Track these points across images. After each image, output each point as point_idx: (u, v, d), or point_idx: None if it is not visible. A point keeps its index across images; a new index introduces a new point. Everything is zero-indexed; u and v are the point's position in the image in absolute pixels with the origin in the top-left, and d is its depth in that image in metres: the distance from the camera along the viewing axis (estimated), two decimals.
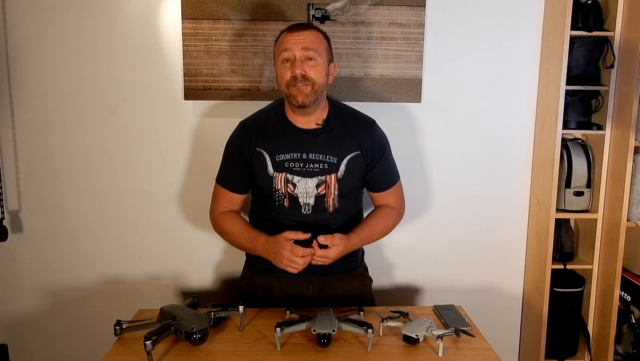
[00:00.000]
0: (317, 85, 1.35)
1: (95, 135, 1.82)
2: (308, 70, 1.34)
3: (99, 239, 1.88)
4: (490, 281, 2.01)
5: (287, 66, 1.35)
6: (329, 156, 1.42)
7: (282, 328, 1.20)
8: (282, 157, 1.41)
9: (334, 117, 1.46)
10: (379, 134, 1.50)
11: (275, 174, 1.41)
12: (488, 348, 1.24)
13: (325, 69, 1.39)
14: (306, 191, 1.41)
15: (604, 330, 1.87)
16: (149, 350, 1.10)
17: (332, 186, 1.42)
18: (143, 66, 1.79)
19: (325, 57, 1.38)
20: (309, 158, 1.41)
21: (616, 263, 1.79)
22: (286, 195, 1.42)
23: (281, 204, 1.43)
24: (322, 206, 1.43)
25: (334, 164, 1.42)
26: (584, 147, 1.85)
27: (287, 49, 1.34)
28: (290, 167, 1.41)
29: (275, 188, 1.42)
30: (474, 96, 1.88)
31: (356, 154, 1.44)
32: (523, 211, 1.98)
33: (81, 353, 1.93)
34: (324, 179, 1.41)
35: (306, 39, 1.34)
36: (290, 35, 1.35)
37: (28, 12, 1.74)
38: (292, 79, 1.34)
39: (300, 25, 1.39)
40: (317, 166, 1.41)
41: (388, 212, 1.52)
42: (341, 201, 1.45)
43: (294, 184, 1.41)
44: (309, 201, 1.42)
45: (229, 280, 1.93)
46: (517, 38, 1.86)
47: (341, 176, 1.42)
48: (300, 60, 1.34)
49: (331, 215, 1.45)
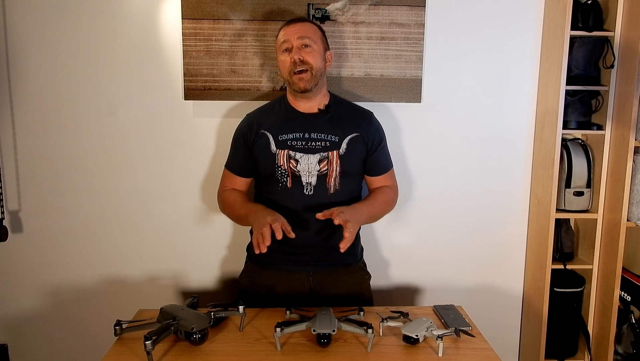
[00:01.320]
0: (314, 69, 1.47)
1: (95, 135, 1.82)
2: (305, 55, 1.46)
3: (99, 239, 1.88)
4: (490, 281, 2.01)
5: (286, 54, 1.47)
6: (331, 135, 1.50)
7: (282, 328, 1.20)
8: (284, 136, 1.50)
9: (335, 106, 1.57)
10: (376, 123, 1.62)
11: (277, 151, 1.49)
12: (488, 348, 1.24)
13: (322, 55, 1.50)
14: (308, 168, 1.47)
15: (604, 330, 1.87)
16: (149, 350, 1.10)
17: (335, 163, 1.48)
18: (143, 65, 1.79)
19: (320, 44, 1.50)
20: (310, 137, 1.50)
21: (616, 263, 1.79)
22: (289, 173, 1.47)
23: (284, 185, 1.48)
24: (324, 187, 1.48)
25: (335, 142, 1.49)
26: (584, 147, 1.85)
27: (286, 40, 1.47)
28: (293, 145, 1.49)
29: (278, 164, 1.48)
30: (474, 96, 1.88)
31: (356, 135, 1.52)
32: (523, 211, 1.98)
33: (81, 353, 1.93)
34: (326, 155, 1.48)
35: (301, 29, 1.47)
36: (287, 28, 1.49)
37: (28, 12, 1.74)
38: (292, 64, 1.45)
39: (295, 19, 1.52)
40: (319, 144, 1.49)
41: (385, 189, 1.61)
42: (342, 182, 1.50)
43: (296, 160, 1.48)
44: (311, 180, 1.48)
45: (229, 280, 1.93)
46: (517, 38, 1.86)
47: (343, 153, 1.49)
48: (297, 47, 1.46)
49: (332, 196, 1.49)
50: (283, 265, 1.52)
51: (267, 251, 1.50)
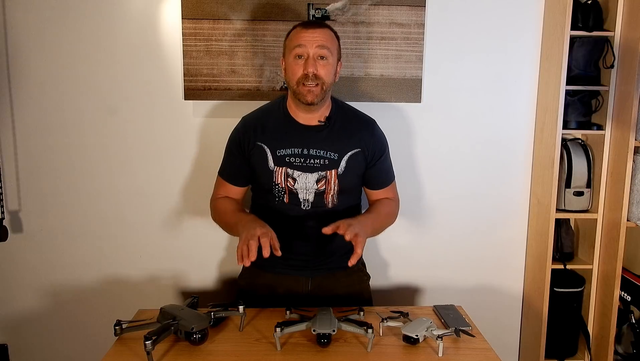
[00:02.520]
0: (325, 85, 1.38)
1: (95, 135, 1.82)
2: (320, 69, 1.35)
3: (99, 239, 1.88)
4: (490, 281, 2.01)
5: (299, 62, 1.36)
6: (330, 152, 1.43)
7: (282, 328, 1.20)
8: (282, 152, 1.43)
9: (336, 116, 1.48)
10: (379, 133, 1.53)
11: (275, 168, 1.43)
12: (488, 348, 1.24)
13: (334, 68, 1.41)
14: (306, 187, 1.43)
15: (604, 330, 1.87)
16: (149, 350, 1.10)
17: (332, 182, 1.43)
18: (143, 65, 1.79)
19: (335, 56, 1.40)
20: (309, 154, 1.43)
21: (616, 263, 1.79)
22: (286, 190, 1.43)
23: (281, 200, 1.45)
24: (321, 202, 1.45)
25: (334, 160, 1.43)
26: (584, 147, 1.85)
27: (302, 45, 1.35)
28: (291, 162, 1.42)
29: (276, 182, 1.43)
30: (474, 96, 1.88)
31: (357, 151, 1.46)
32: (523, 211, 1.98)
33: (81, 353, 1.93)
34: (324, 174, 1.43)
35: (321, 37, 1.35)
36: (305, 32, 1.35)
37: (28, 12, 1.74)
38: (304, 76, 1.35)
39: (315, 22, 1.41)
40: (317, 162, 1.42)
41: (387, 202, 1.55)
42: (340, 198, 1.46)
43: (294, 178, 1.42)
44: (309, 197, 1.44)
45: (229, 280, 1.93)
46: (517, 38, 1.86)
47: (341, 172, 1.44)
48: (313, 58, 1.35)
49: (330, 210, 1.46)
50: (282, 269, 1.50)
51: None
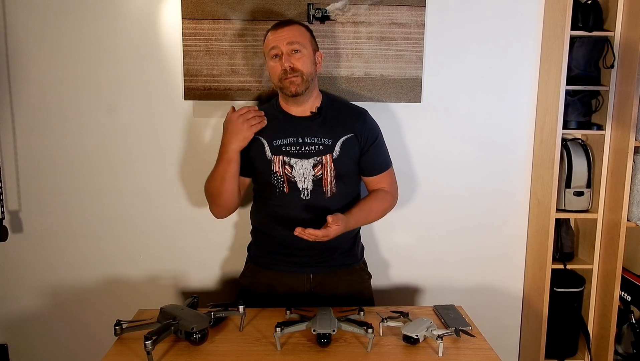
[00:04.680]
0: (305, 74, 1.45)
1: (95, 135, 1.82)
2: (295, 62, 1.43)
3: (99, 239, 1.88)
4: (490, 281, 2.01)
5: (277, 61, 1.45)
6: (324, 138, 1.49)
7: (282, 328, 1.20)
8: (279, 142, 1.49)
9: (327, 106, 1.55)
10: (370, 120, 1.58)
11: (273, 157, 1.48)
12: (488, 348, 1.24)
13: (311, 58, 1.48)
14: (303, 173, 1.47)
15: (604, 330, 1.87)
16: (149, 350, 1.10)
17: (329, 167, 1.48)
18: (143, 66, 1.79)
19: (309, 47, 1.48)
20: (304, 141, 1.48)
21: (616, 263, 1.79)
22: (284, 179, 1.47)
23: (281, 190, 1.48)
24: (320, 190, 1.48)
25: (328, 145, 1.48)
26: (584, 147, 1.85)
27: (275, 47, 1.45)
28: (287, 151, 1.48)
29: (274, 170, 1.47)
30: (474, 96, 1.88)
31: (350, 136, 1.50)
32: (523, 211, 1.98)
33: (81, 353, 1.93)
34: (319, 159, 1.47)
35: (289, 33, 1.44)
36: (275, 33, 1.46)
37: (28, 12, 1.74)
38: (283, 72, 1.44)
39: (282, 22, 1.49)
40: (312, 148, 1.48)
41: (383, 195, 1.57)
42: (339, 185, 1.49)
43: (291, 165, 1.47)
44: (307, 185, 1.47)
45: (229, 280, 1.93)
46: (517, 38, 1.86)
47: (336, 156, 1.48)
48: (287, 54, 1.43)
49: (330, 200, 1.49)
50: (284, 266, 1.53)
51: (268, 252, 1.53)
